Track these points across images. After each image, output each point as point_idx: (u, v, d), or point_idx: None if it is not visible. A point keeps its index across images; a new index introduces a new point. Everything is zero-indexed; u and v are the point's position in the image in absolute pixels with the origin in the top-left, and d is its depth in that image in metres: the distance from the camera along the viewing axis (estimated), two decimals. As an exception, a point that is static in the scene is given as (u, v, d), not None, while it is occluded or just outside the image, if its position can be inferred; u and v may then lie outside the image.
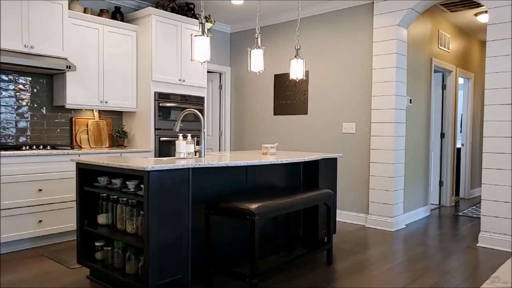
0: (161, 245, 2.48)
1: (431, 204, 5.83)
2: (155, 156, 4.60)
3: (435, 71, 5.91)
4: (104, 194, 2.98)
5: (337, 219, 5.02)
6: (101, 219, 2.98)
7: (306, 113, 5.36)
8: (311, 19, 5.29)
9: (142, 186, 2.59)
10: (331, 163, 3.88)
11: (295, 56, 3.66)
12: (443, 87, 6.13)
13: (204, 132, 3.22)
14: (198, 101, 5.03)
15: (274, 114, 5.70)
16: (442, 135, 6.15)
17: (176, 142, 2.99)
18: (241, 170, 3.26)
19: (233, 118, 6.19)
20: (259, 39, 3.36)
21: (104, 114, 4.77)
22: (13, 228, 3.54)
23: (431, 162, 5.65)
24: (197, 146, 3.18)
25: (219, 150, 6.18)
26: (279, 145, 5.52)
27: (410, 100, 4.94)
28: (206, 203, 2.86)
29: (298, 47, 3.62)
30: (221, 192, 3.10)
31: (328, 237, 3.42)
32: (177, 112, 4.79)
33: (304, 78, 3.92)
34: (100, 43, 4.38)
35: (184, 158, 2.99)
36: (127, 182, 2.73)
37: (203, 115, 5.09)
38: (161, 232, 2.48)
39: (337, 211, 5.00)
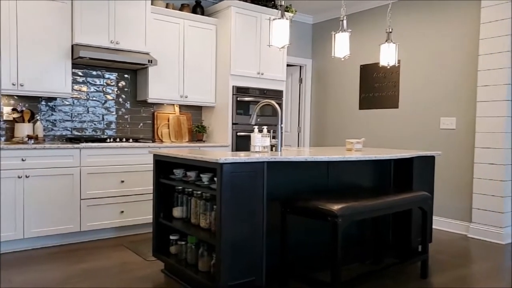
0: (234, 242, 2.30)
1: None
2: (232, 151, 4.48)
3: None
4: (180, 187, 2.90)
5: (433, 226, 4.42)
6: (176, 212, 2.91)
7: (397, 107, 4.83)
8: (402, 4, 4.76)
9: (216, 179, 2.44)
10: (428, 162, 3.38)
11: (386, 41, 3.24)
12: None
13: (281, 125, 2.97)
14: (276, 95, 4.82)
15: (360, 108, 5.26)
16: None
17: (251, 135, 2.79)
18: (322, 167, 2.96)
19: (313, 113, 5.87)
20: (344, 21, 3.02)
21: (184, 109, 4.79)
22: (98, 217, 3.67)
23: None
24: (273, 140, 2.95)
25: (298, 147, 5.90)
26: (365, 142, 5.08)
27: (527, 90, 4.16)
28: (282, 200, 2.62)
29: (390, 30, 3.19)
30: (299, 189, 2.83)
31: (423, 246, 2.95)
32: (254, 107, 4.61)
33: (396, 65, 3.46)
34: (180, 38, 4.39)
35: (259, 151, 2.78)
36: (201, 175, 2.60)
37: (281, 109, 4.86)
38: (234, 229, 2.30)
39: (433, 217, 4.41)
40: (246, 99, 4.56)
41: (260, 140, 2.78)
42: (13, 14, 3.44)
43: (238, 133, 4.52)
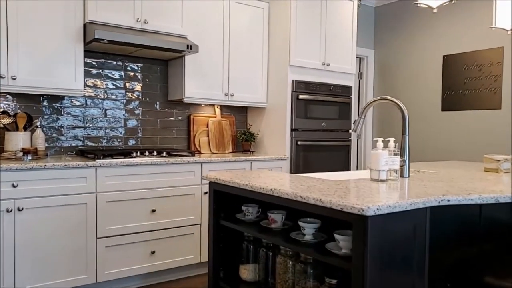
0: None
1: None
2: (291, 166, 3.43)
3: None
4: (251, 235, 1.86)
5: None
6: (246, 272, 1.87)
7: (499, 107, 3.74)
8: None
9: (339, 236, 1.38)
10: None
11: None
12: None
13: (407, 135, 1.92)
14: (343, 92, 3.75)
15: (443, 110, 4.17)
16: None
17: (373, 152, 1.74)
18: (472, 206, 1.89)
19: (376, 116, 4.79)
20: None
21: (227, 110, 3.75)
22: (121, 261, 2.64)
23: None
24: (401, 159, 1.89)
25: (357, 159, 4.84)
26: (450, 151, 4.00)
27: None
28: (444, 270, 1.55)
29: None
30: (447, 241, 1.76)
31: None
32: (318, 107, 3.56)
33: None
34: (225, 19, 3.35)
35: (385, 180, 1.72)
36: (300, 223, 1.55)
37: (350, 110, 3.80)
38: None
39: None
40: (309, 97, 3.50)
41: (387, 161, 1.72)
42: (2, -22, 2.43)
43: (299, 142, 3.46)
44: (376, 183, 1.65)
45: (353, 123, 2.04)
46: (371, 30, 4.80)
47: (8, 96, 2.76)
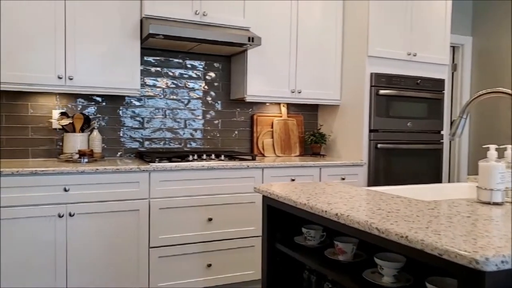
0: None
1: None
2: (369, 174, 2.96)
3: None
4: (312, 267, 1.49)
5: None
6: (306, 309, 1.50)
7: None
8: None
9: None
10: None
11: None
12: None
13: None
14: (434, 87, 3.17)
15: None
16: None
17: (481, 164, 1.26)
18: None
19: (474, 115, 4.05)
20: None
21: (293, 109, 3.39)
22: (174, 274, 2.43)
23: None
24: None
25: (449, 170, 4.14)
26: None
27: None
28: None
29: None
30: None
31: None
32: (402, 104, 3.03)
33: None
34: (292, 6, 3.00)
35: (501, 203, 1.24)
36: (377, 260, 1.15)
37: (442, 108, 3.20)
38: None
39: None
40: (391, 92, 3.00)
41: (504, 177, 1.23)
42: (60, -25, 2.36)
43: (379, 145, 2.98)
44: (487, 208, 1.18)
45: (451, 124, 1.56)
46: (469, 13, 4.07)
47: (64, 96, 2.71)
